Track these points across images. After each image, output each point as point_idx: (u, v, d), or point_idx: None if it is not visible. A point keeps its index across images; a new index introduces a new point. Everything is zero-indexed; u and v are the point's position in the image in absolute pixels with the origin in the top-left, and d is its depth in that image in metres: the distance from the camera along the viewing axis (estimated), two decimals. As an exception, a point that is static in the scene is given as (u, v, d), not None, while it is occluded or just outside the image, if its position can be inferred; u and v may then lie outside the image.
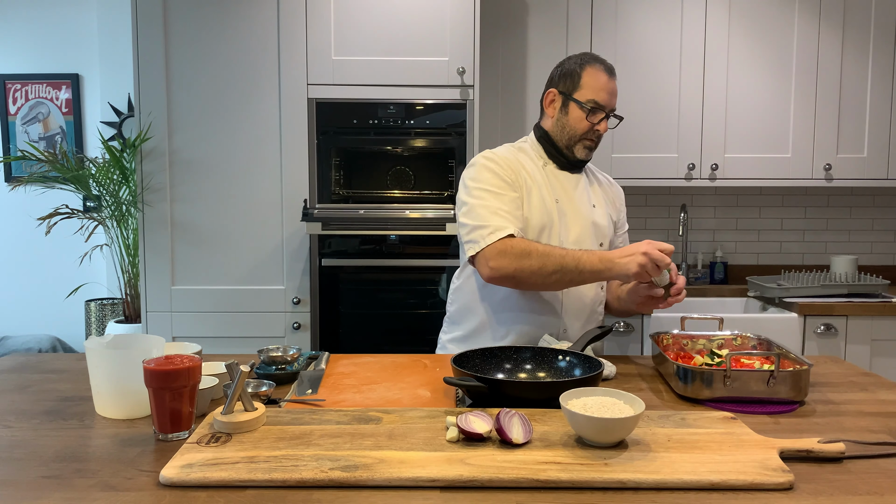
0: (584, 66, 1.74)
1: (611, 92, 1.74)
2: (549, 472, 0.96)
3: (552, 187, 1.76)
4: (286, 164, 2.63)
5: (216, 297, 2.66)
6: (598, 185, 1.88)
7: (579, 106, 1.72)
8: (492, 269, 1.61)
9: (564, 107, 1.75)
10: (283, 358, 1.49)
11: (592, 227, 1.77)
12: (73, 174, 3.14)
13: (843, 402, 1.34)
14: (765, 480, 0.95)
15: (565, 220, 1.74)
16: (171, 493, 0.94)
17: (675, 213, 3.36)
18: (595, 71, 1.73)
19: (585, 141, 1.74)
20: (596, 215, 1.79)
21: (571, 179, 1.79)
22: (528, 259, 1.58)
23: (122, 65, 3.70)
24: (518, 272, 1.59)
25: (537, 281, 1.60)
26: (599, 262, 1.56)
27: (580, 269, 1.57)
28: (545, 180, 1.76)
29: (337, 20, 2.59)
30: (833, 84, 3.00)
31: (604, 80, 1.73)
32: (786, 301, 2.84)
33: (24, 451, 1.09)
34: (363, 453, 1.03)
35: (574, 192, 1.78)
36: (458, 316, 1.84)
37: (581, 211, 1.77)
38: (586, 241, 1.75)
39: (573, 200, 1.77)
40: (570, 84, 1.74)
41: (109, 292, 3.85)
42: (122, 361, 1.23)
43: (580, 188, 1.79)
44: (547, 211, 1.72)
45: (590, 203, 1.80)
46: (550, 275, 1.58)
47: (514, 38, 3.00)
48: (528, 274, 1.59)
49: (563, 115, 1.75)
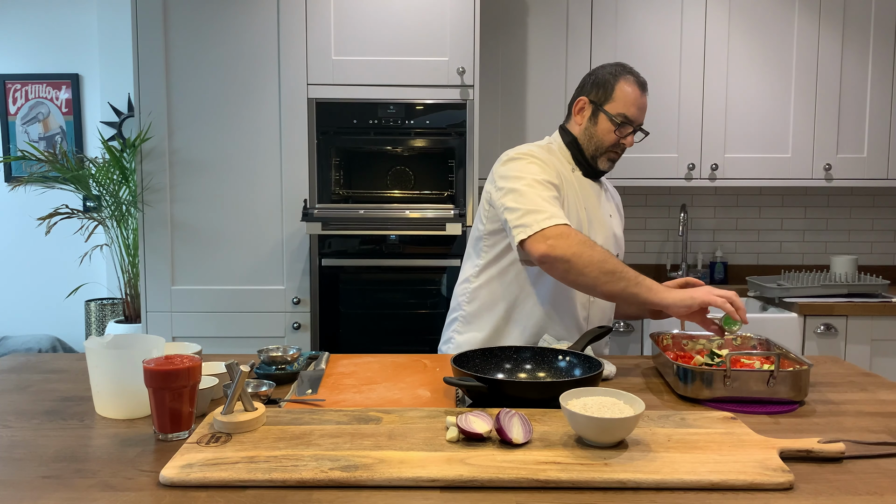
0: (619, 78, 1.72)
1: (641, 107, 1.72)
2: (549, 472, 0.96)
3: (578, 194, 1.74)
4: (286, 164, 2.63)
5: (216, 297, 2.66)
6: (609, 194, 1.88)
7: (609, 118, 1.70)
8: (550, 246, 1.52)
9: (594, 116, 1.73)
10: (283, 358, 1.49)
11: (613, 238, 1.79)
12: (73, 174, 3.14)
13: (843, 402, 1.34)
14: (765, 480, 0.95)
15: (592, 228, 1.73)
16: (171, 493, 0.94)
17: (675, 213, 3.36)
18: (628, 85, 1.71)
19: (610, 153, 1.74)
20: (614, 225, 1.81)
21: (595, 188, 1.79)
22: (591, 249, 1.52)
23: (122, 65, 3.70)
24: (576, 257, 1.51)
25: (590, 273, 1.51)
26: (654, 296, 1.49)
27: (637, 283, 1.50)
28: (574, 185, 1.75)
29: (337, 20, 2.59)
30: (833, 84, 3.00)
31: (636, 94, 1.71)
32: (786, 301, 2.84)
33: (24, 451, 1.09)
34: (363, 453, 1.03)
35: (597, 201, 1.78)
36: (476, 316, 1.79)
37: (604, 221, 1.77)
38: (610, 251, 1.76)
39: (597, 209, 1.77)
40: (603, 94, 1.72)
41: (109, 292, 3.85)
42: (122, 361, 1.23)
43: (602, 197, 1.80)
44: (577, 218, 1.71)
45: (608, 213, 1.81)
46: (607, 273, 1.50)
47: (514, 38, 3.00)
48: (585, 262, 1.50)
49: (591, 125, 1.73)
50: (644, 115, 1.74)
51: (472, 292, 1.80)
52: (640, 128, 1.74)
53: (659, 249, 3.38)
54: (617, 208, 1.88)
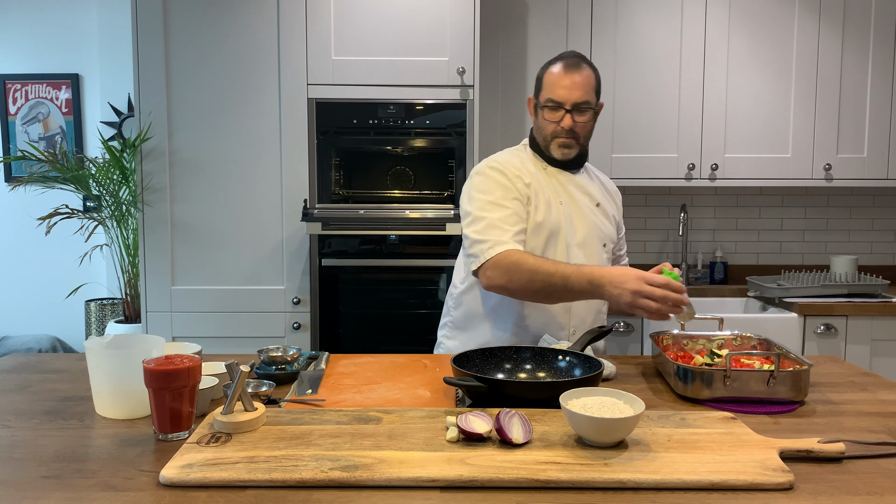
0: (546, 68, 1.77)
1: (567, 86, 1.71)
2: (549, 472, 0.96)
3: (555, 189, 1.77)
4: (286, 164, 2.63)
5: (216, 297, 2.66)
6: (600, 182, 1.89)
7: (541, 107, 1.75)
8: (487, 278, 1.64)
9: (536, 110, 1.79)
10: (283, 358, 1.49)
11: (596, 228, 1.79)
12: (73, 174, 3.14)
13: (843, 402, 1.34)
14: (765, 480, 0.95)
15: (571, 222, 1.75)
16: (171, 493, 0.94)
17: (675, 213, 3.36)
18: (553, 68, 1.74)
19: (557, 140, 1.74)
20: (599, 214, 1.81)
21: (573, 179, 1.81)
22: (517, 273, 1.60)
23: (122, 65, 3.70)
24: (508, 283, 1.62)
25: (528, 295, 1.64)
26: (589, 285, 1.53)
27: (568, 288, 1.56)
28: (548, 182, 1.77)
29: (337, 20, 2.59)
30: (833, 84, 3.00)
31: (560, 75, 1.72)
32: (786, 301, 2.84)
33: (24, 451, 1.09)
34: (363, 453, 1.03)
35: (577, 192, 1.79)
36: (464, 322, 1.83)
37: (584, 212, 1.78)
38: (592, 243, 1.77)
39: (576, 201, 1.78)
40: (537, 87, 1.79)
41: (109, 292, 3.85)
42: (122, 361, 1.23)
43: (582, 187, 1.81)
44: (553, 215, 1.73)
45: (593, 202, 1.81)
46: (538, 291, 1.60)
47: (514, 38, 3.00)
48: (516, 287, 1.62)
49: (537, 119, 1.79)
50: (577, 92, 1.70)
51: (458, 297, 1.85)
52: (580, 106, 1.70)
53: (659, 249, 3.38)
54: (608, 196, 1.88)
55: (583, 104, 1.71)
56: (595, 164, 3.23)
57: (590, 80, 1.73)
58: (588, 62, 1.77)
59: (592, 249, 1.78)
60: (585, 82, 1.72)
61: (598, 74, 1.78)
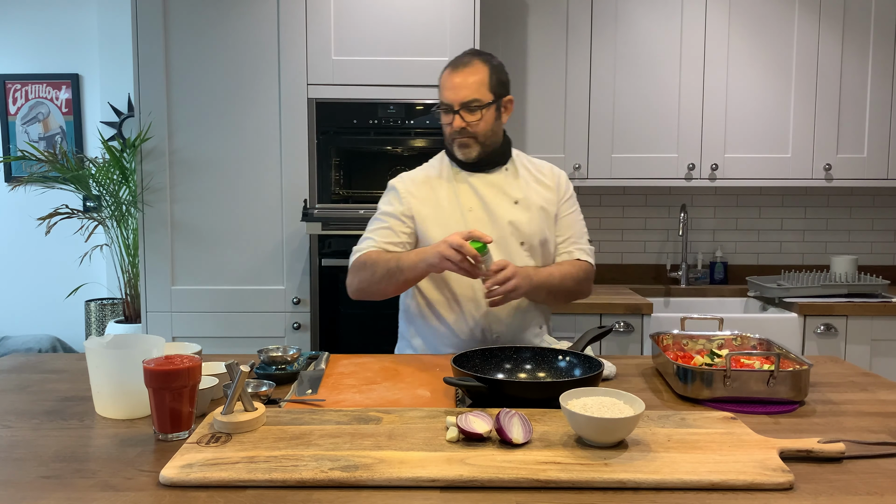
0: (441, 74, 1.76)
1: (453, 86, 1.70)
2: (549, 472, 0.96)
3: (466, 195, 1.77)
4: (286, 164, 2.63)
5: (216, 297, 2.66)
6: (530, 175, 1.83)
7: (437, 110, 1.76)
8: (348, 287, 1.77)
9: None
10: (283, 358, 1.49)
11: (511, 227, 1.75)
12: (73, 174, 3.14)
13: (843, 402, 1.34)
14: (765, 480, 0.95)
15: (480, 226, 1.74)
16: (171, 493, 0.94)
17: (675, 213, 3.36)
18: (444, 72, 1.75)
19: (455, 141, 1.74)
20: (517, 212, 1.76)
21: (487, 178, 1.78)
22: (362, 271, 1.71)
23: (122, 65, 3.70)
24: (359, 284, 1.73)
25: (376, 288, 1.71)
26: (415, 256, 1.63)
27: (401, 268, 1.64)
28: (458, 190, 1.77)
29: (337, 20, 2.59)
30: (833, 84, 3.00)
31: (446, 77, 1.73)
32: (786, 301, 2.84)
33: (24, 451, 1.09)
34: (363, 453, 1.03)
35: (491, 193, 1.77)
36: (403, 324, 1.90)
37: (498, 213, 1.75)
38: (508, 244, 1.74)
39: (489, 204, 1.76)
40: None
41: (109, 292, 3.85)
42: (122, 361, 1.23)
43: (498, 186, 1.78)
44: (457, 223, 1.74)
45: (511, 200, 1.77)
46: (381, 280, 1.68)
47: (514, 38, 3.00)
48: (367, 284, 1.71)
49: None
50: (463, 91, 1.68)
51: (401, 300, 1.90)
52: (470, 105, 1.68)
53: (659, 249, 3.38)
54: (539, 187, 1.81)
55: (471, 103, 1.68)
56: (595, 164, 3.23)
57: (479, 76, 1.69)
58: (483, 57, 1.73)
59: (507, 252, 1.74)
60: (473, 80, 1.69)
61: (495, 67, 1.73)
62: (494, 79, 1.72)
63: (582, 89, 3.00)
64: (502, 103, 1.75)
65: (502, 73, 1.75)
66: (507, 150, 1.82)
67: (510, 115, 1.80)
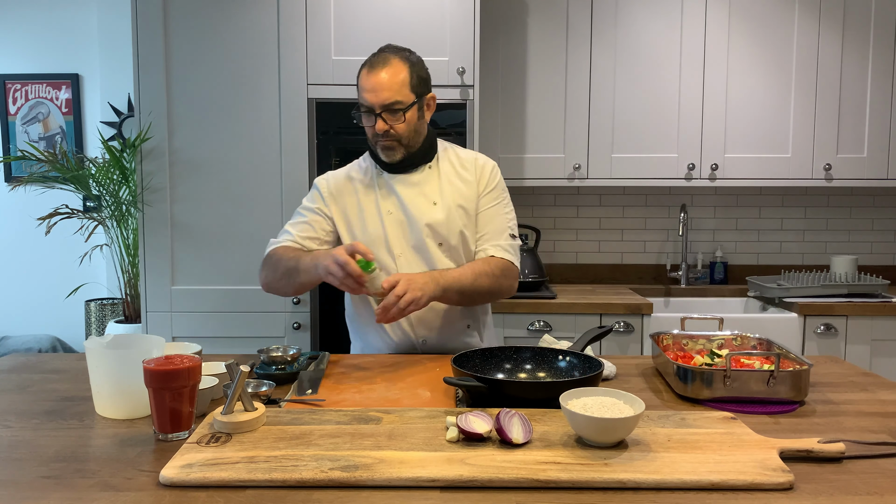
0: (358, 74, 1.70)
1: (372, 88, 1.63)
2: (549, 472, 0.96)
3: (386, 198, 1.76)
4: (286, 164, 2.63)
5: (216, 297, 2.66)
6: (454, 171, 1.79)
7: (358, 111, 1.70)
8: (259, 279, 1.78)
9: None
10: (283, 358, 1.49)
11: (429, 230, 1.73)
12: (73, 174, 3.14)
13: (843, 402, 1.34)
14: (765, 480, 0.95)
15: (399, 229, 1.74)
16: (171, 493, 0.94)
17: (675, 213, 3.36)
18: (361, 70, 1.68)
19: (378, 144, 1.70)
20: (435, 213, 1.73)
21: (409, 181, 1.76)
22: (268, 265, 1.73)
23: (122, 65, 3.70)
24: (265, 278, 1.75)
25: (278, 286, 1.72)
26: (311, 261, 1.60)
27: (297, 270, 1.63)
28: (378, 192, 1.77)
29: (337, 20, 2.59)
30: (833, 84, 3.00)
31: (364, 76, 1.66)
32: (786, 301, 2.84)
33: (24, 451, 1.09)
34: (363, 453, 1.03)
35: (411, 195, 1.75)
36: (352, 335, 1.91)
37: (416, 216, 1.73)
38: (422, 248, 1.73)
39: (409, 206, 1.74)
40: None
41: (109, 292, 3.85)
42: (122, 361, 1.23)
43: (419, 187, 1.76)
44: (375, 226, 1.74)
45: (430, 202, 1.75)
46: (280, 278, 1.69)
47: (514, 38, 3.00)
48: (271, 280, 1.73)
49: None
50: (383, 93, 1.62)
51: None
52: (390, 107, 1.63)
53: (659, 249, 3.38)
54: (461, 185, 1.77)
55: (393, 105, 1.63)
56: (595, 164, 3.22)
57: (399, 75, 1.63)
58: (402, 54, 1.67)
59: (424, 254, 1.73)
60: (393, 80, 1.62)
61: (415, 65, 1.67)
62: (415, 77, 1.66)
63: (582, 89, 3.00)
64: (424, 101, 1.70)
65: (422, 69, 1.70)
66: (430, 148, 1.78)
67: (433, 112, 1.75)
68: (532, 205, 3.35)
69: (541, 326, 2.75)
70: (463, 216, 1.75)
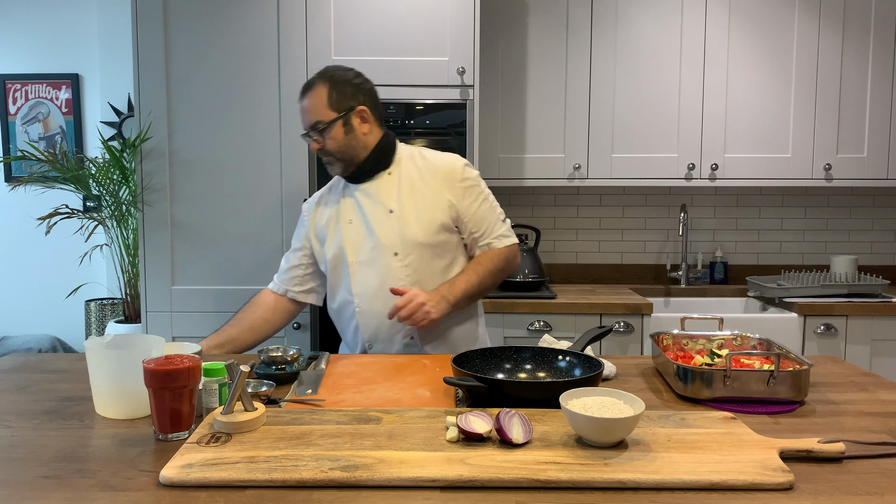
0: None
1: (301, 112, 1.78)
2: (549, 472, 0.96)
3: (348, 207, 1.83)
4: (286, 164, 2.63)
5: (216, 297, 2.66)
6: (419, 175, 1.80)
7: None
8: None
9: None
10: (283, 358, 1.49)
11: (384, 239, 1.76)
12: (73, 174, 3.14)
13: (843, 402, 1.34)
14: (765, 480, 0.95)
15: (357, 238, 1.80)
16: (171, 493, 0.94)
17: (675, 213, 3.37)
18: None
19: (323, 160, 1.82)
20: (391, 222, 1.76)
21: (368, 190, 1.80)
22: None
23: (122, 65, 3.70)
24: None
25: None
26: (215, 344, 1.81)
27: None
28: (345, 202, 1.84)
29: (337, 20, 2.59)
30: (833, 84, 3.00)
31: (299, 104, 1.80)
32: (786, 301, 2.84)
33: (24, 451, 1.09)
34: (363, 453, 1.03)
35: (369, 204, 1.79)
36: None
37: (373, 224, 1.78)
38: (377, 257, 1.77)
39: (368, 215, 1.78)
40: None
41: (109, 292, 3.85)
42: (122, 361, 1.23)
43: (377, 197, 1.79)
44: (338, 236, 1.82)
45: (386, 210, 1.77)
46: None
47: (514, 38, 3.00)
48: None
49: None
50: (307, 117, 1.76)
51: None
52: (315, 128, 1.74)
53: (659, 249, 3.38)
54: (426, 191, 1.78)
55: (316, 125, 1.74)
56: (595, 164, 3.21)
57: (318, 97, 1.74)
58: (325, 76, 1.76)
59: (379, 263, 1.77)
60: (314, 103, 1.74)
61: (336, 83, 1.74)
62: (334, 95, 1.74)
63: (582, 89, 3.00)
64: (351, 116, 1.75)
65: (345, 86, 1.75)
66: (385, 156, 1.81)
67: (370, 124, 1.78)
68: (532, 205, 3.35)
69: (541, 326, 2.75)
70: (429, 220, 1.77)
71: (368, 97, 1.79)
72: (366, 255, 1.78)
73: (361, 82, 1.79)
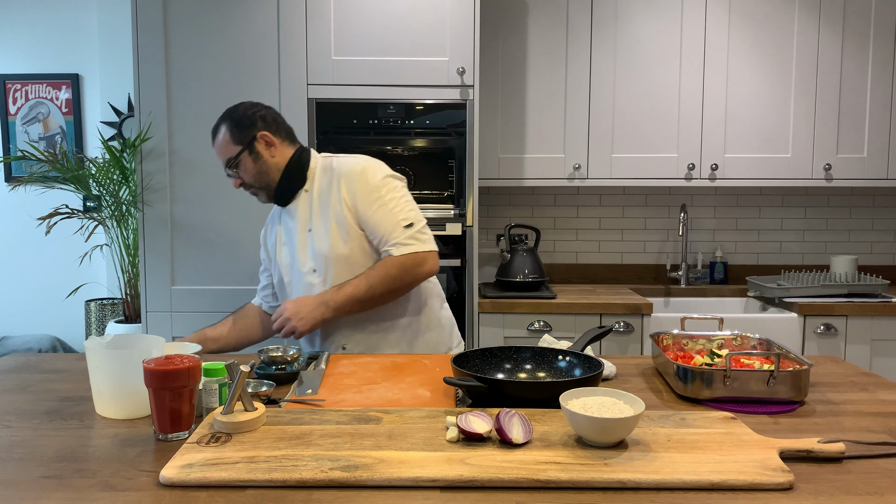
0: None
1: (217, 155, 1.87)
2: (549, 472, 0.96)
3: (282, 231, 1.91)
4: (286, 164, 2.63)
5: (216, 297, 2.66)
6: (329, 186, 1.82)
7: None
8: None
9: None
10: (283, 358, 1.49)
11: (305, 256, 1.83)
12: (73, 174, 3.14)
13: (843, 402, 1.34)
14: (765, 480, 0.95)
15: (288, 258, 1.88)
16: (171, 493, 0.94)
17: (675, 213, 3.36)
18: None
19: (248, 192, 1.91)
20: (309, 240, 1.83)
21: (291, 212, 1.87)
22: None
23: (122, 65, 3.70)
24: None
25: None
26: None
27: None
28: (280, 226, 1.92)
29: (337, 20, 2.59)
30: (833, 84, 3.00)
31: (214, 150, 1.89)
32: (786, 301, 2.84)
33: (24, 451, 1.09)
34: (363, 453, 1.03)
35: (292, 225, 1.86)
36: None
37: (295, 245, 1.85)
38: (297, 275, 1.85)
39: (293, 237, 1.86)
40: None
41: (109, 292, 3.85)
42: (122, 361, 1.23)
43: (298, 217, 1.85)
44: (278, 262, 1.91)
45: (305, 230, 1.84)
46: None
47: (514, 38, 3.00)
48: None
49: None
50: (220, 157, 1.85)
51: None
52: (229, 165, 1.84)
53: (659, 249, 3.38)
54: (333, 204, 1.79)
55: (228, 163, 1.83)
56: (595, 164, 3.22)
57: (224, 137, 1.82)
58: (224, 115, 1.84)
59: (303, 283, 1.83)
60: (221, 144, 1.83)
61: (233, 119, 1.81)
62: (235, 131, 1.81)
63: (582, 89, 3.00)
64: (255, 144, 1.81)
65: (241, 119, 1.82)
66: (298, 173, 1.85)
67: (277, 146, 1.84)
68: (532, 205, 3.35)
69: (541, 326, 2.75)
70: (338, 229, 1.79)
71: (266, 121, 1.84)
72: (294, 276, 1.86)
73: (256, 110, 1.84)
